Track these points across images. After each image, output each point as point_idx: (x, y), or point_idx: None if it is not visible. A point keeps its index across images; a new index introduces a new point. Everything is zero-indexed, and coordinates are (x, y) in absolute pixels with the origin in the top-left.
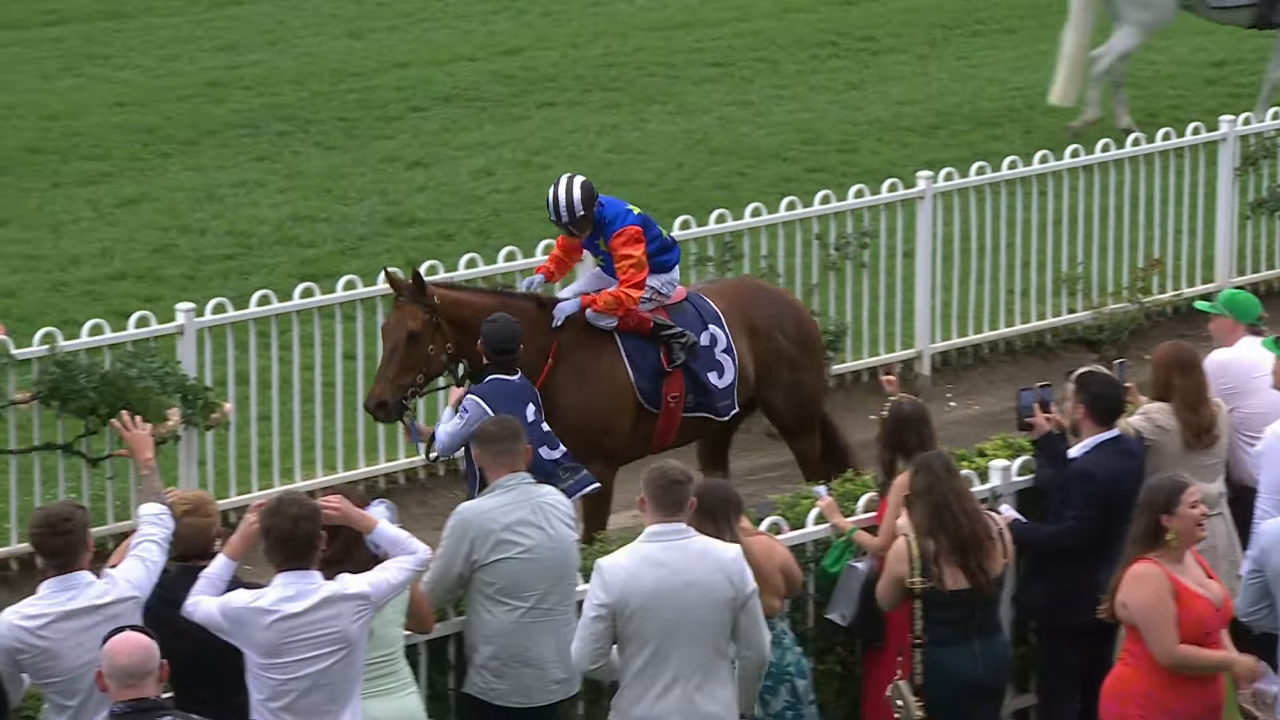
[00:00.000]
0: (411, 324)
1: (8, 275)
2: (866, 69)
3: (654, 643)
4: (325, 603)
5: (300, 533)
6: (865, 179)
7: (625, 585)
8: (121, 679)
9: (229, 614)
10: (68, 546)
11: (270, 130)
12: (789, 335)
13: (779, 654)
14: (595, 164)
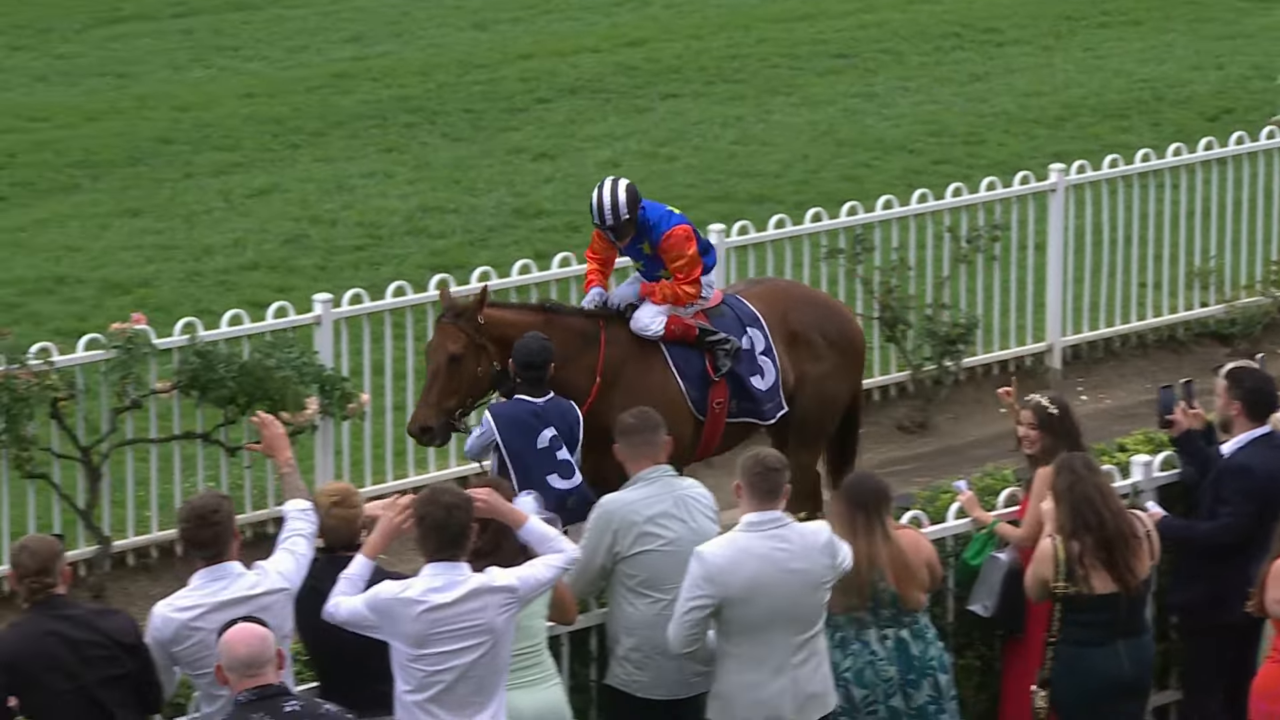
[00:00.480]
0: (452, 346)
1: (143, 265)
2: (991, 60)
3: (757, 631)
4: (472, 594)
5: (453, 523)
6: (992, 171)
7: (727, 576)
8: (241, 670)
9: (376, 606)
10: (217, 537)
11: (398, 121)
12: (830, 339)
13: (922, 648)
14: (720, 155)
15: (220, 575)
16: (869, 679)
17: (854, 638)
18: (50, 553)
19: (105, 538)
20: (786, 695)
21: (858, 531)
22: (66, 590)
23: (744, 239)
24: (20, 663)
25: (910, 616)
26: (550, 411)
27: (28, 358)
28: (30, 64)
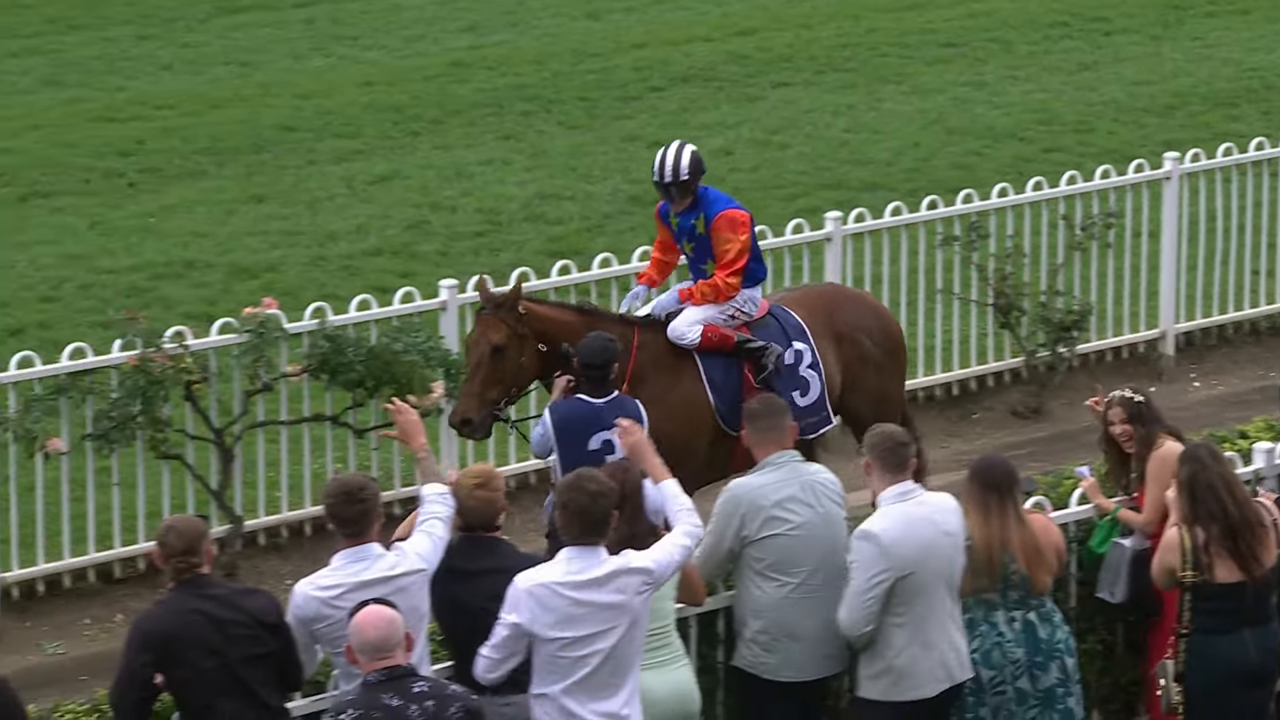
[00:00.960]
0: (495, 337)
1: (269, 250)
2: (1100, 49)
3: (926, 596)
4: (611, 576)
5: (597, 509)
6: (1102, 159)
7: (900, 548)
8: (371, 652)
9: (517, 589)
10: (362, 515)
11: (514, 110)
12: (875, 340)
13: (1049, 631)
14: (832, 143)
15: (361, 556)
16: (996, 660)
17: (982, 619)
18: (196, 533)
19: (237, 517)
20: (953, 654)
21: (990, 513)
22: (210, 570)
23: (860, 226)
24: (166, 640)
25: (1037, 600)
26: (610, 412)
27: (163, 341)
28: (156, 53)
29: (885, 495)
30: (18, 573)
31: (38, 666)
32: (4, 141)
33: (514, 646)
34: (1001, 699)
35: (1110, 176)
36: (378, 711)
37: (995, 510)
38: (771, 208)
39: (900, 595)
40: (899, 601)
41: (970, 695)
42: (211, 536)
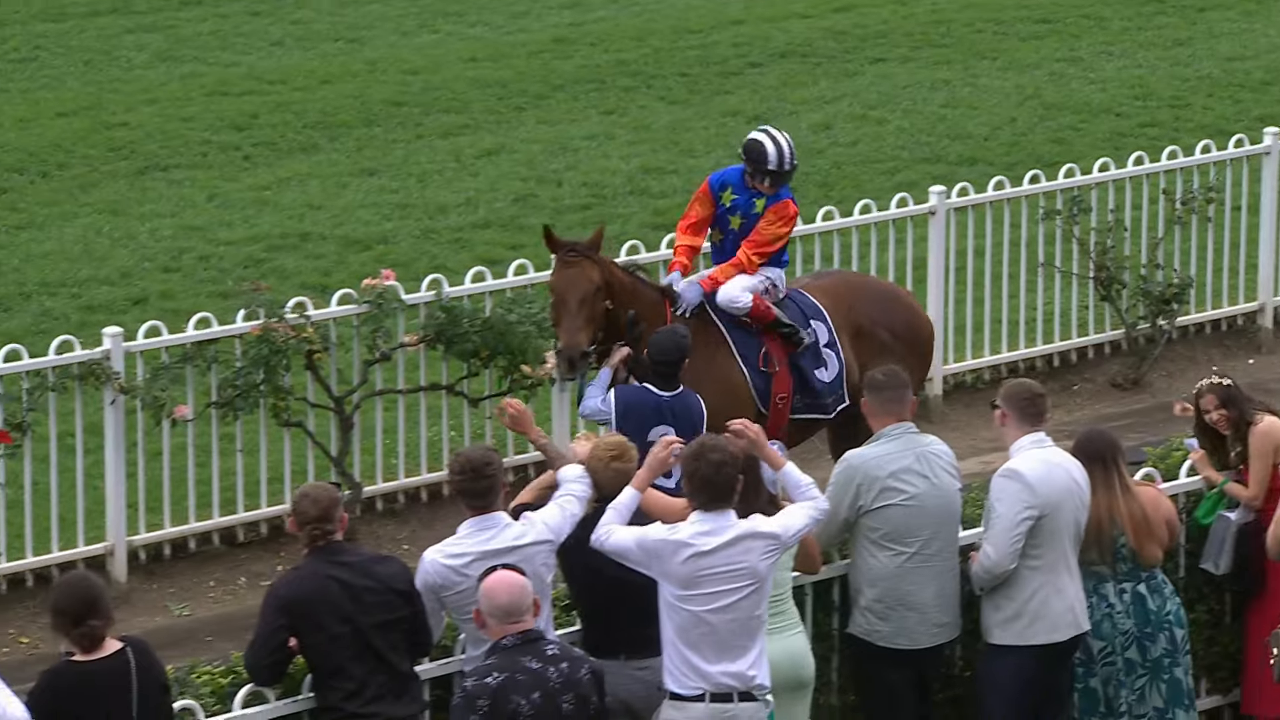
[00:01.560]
0: (595, 277)
1: (381, 222)
2: (1193, 25)
3: (1060, 540)
4: (738, 539)
5: (721, 478)
6: (1197, 134)
7: (1045, 487)
8: (501, 616)
9: (646, 546)
10: (490, 489)
11: (616, 85)
12: (897, 333)
13: (1159, 602)
14: (930, 118)
15: (488, 525)
16: (1106, 631)
17: (1091, 590)
18: (330, 500)
19: (355, 483)
20: (1078, 604)
21: (1096, 485)
22: (343, 537)
23: (964, 200)
24: (301, 605)
25: (1147, 571)
26: (674, 406)
27: (285, 312)
28: (268, 29)
29: (1021, 443)
30: (145, 536)
31: (165, 627)
32: (122, 116)
33: (631, 552)
34: (1111, 670)
35: (1210, 151)
36: (521, 674)
37: (1101, 481)
38: (872, 181)
39: (1037, 537)
40: (1035, 544)
41: (1080, 666)
42: (343, 505)
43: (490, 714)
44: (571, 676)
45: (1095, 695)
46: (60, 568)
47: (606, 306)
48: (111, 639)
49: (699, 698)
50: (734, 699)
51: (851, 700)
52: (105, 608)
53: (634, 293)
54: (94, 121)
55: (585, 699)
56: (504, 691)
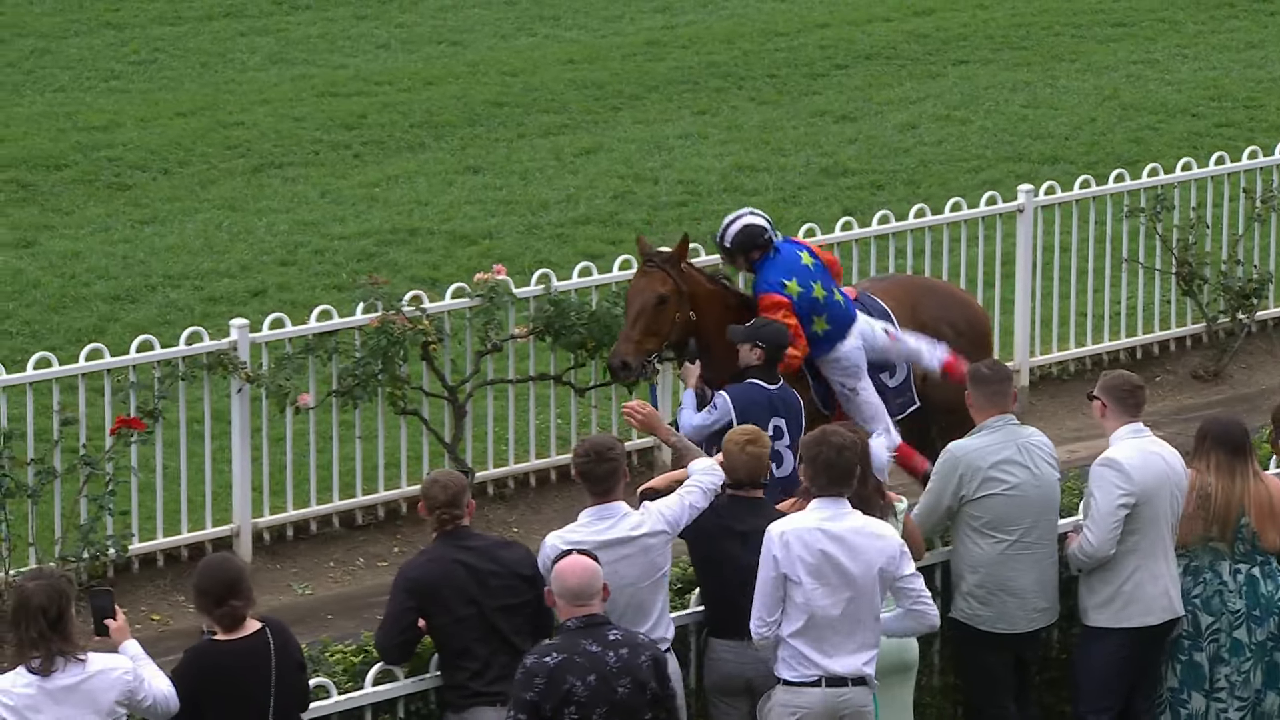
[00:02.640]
0: (661, 288)
1: (486, 218)
2: (1265, 29)
3: (1158, 525)
4: (857, 531)
5: (843, 461)
6: (1272, 134)
7: (1142, 474)
8: (570, 598)
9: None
10: (611, 473)
11: (708, 86)
12: (960, 331)
13: (1272, 588)
14: (1012, 118)
15: (607, 514)
16: (1215, 607)
17: (1207, 567)
18: (459, 487)
19: (468, 469)
20: (1174, 588)
21: (1235, 469)
22: (470, 522)
23: (1051, 198)
24: (429, 587)
25: (1263, 555)
26: (780, 399)
27: (402, 305)
28: (373, 32)
29: (1119, 433)
30: (269, 518)
31: (288, 605)
32: (238, 115)
33: (775, 593)
34: (1217, 646)
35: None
36: (579, 656)
37: (1239, 467)
38: (958, 180)
39: (1134, 522)
40: (1131, 529)
41: (1186, 639)
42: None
43: (545, 692)
44: (630, 662)
45: (1200, 670)
46: (189, 548)
47: (688, 317)
48: (252, 619)
49: (815, 683)
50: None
51: (953, 682)
52: (246, 589)
53: (720, 300)
54: (211, 121)
55: (643, 684)
56: (560, 671)
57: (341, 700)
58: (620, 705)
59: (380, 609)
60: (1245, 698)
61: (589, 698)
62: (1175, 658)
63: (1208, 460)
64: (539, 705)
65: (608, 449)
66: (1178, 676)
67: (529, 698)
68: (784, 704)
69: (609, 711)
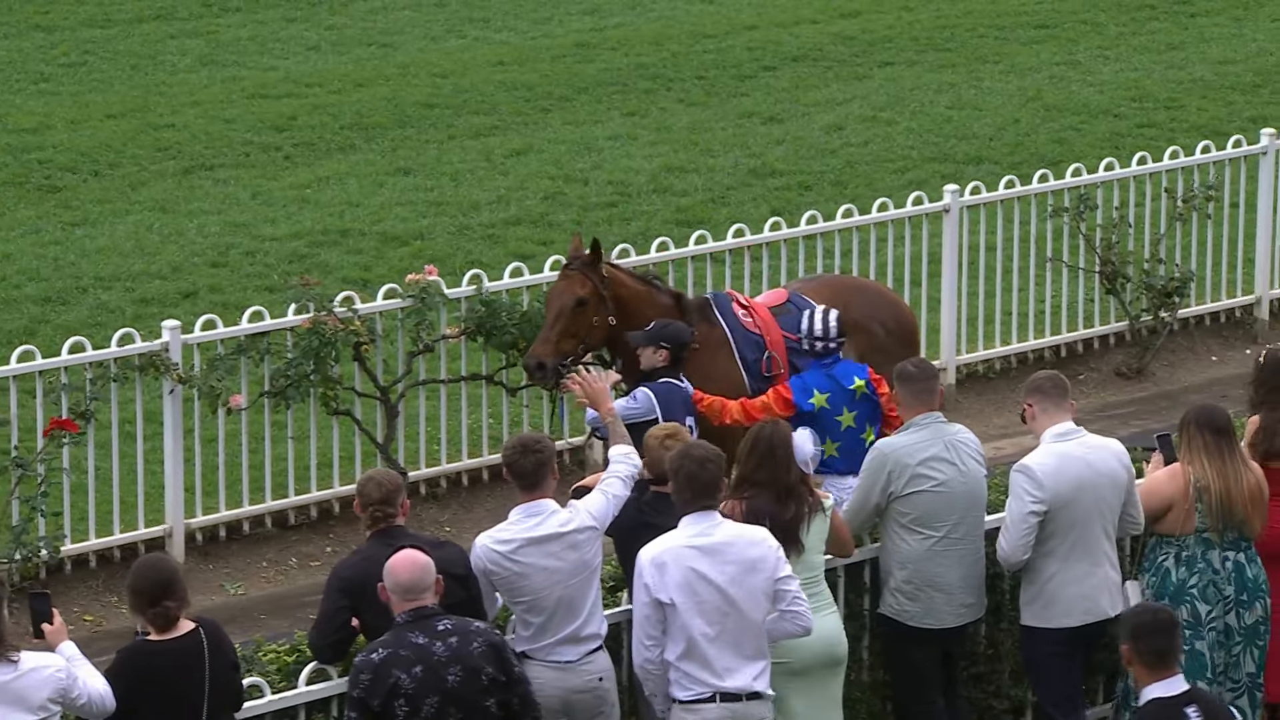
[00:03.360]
0: (580, 291)
1: (417, 219)
2: (1185, 30)
3: (1079, 529)
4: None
5: (705, 474)
6: (1192, 135)
7: (1055, 480)
8: (401, 593)
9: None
10: (537, 467)
11: (637, 88)
12: (889, 329)
13: (1255, 571)
14: (937, 119)
15: (536, 511)
16: (1211, 595)
17: (1199, 557)
18: (394, 485)
19: (401, 469)
20: (1104, 589)
21: (1224, 458)
22: (405, 521)
23: (976, 198)
24: (363, 587)
25: (1247, 541)
26: (689, 400)
27: (333, 306)
28: (303, 34)
29: (1047, 434)
30: (201, 519)
31: (221, 605)
32: (168, 118)
33: (652, 619)
34: (1214, 634)
35: (1210, 152)
36: (404, 649)
37: (1228, 455)
38: (884, 180)
39: (1050, 526)
40: (1048, 534)
41: (1188, 629)
42: (405, 491)
43: (371, 687)
44: (460, 650)
45: (1202, 658)
46: (121, 549)
47: (607, 321)
48: (185, 619)
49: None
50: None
51: (881, 677)
52: (180, 589)
53: (649, 301)
54: (141, 123)
55: (476, 670)
56: (385, 666)
57: (275, 699)
58: (452, 694)
59: (313, 609)
60: (1239, 680)
61: (416, 689)
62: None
63: (1196, 447)
64: (366, 701)
65: (535, 442)
66: (1181, 667)
67: (356, 695)
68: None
69: (441, 701)
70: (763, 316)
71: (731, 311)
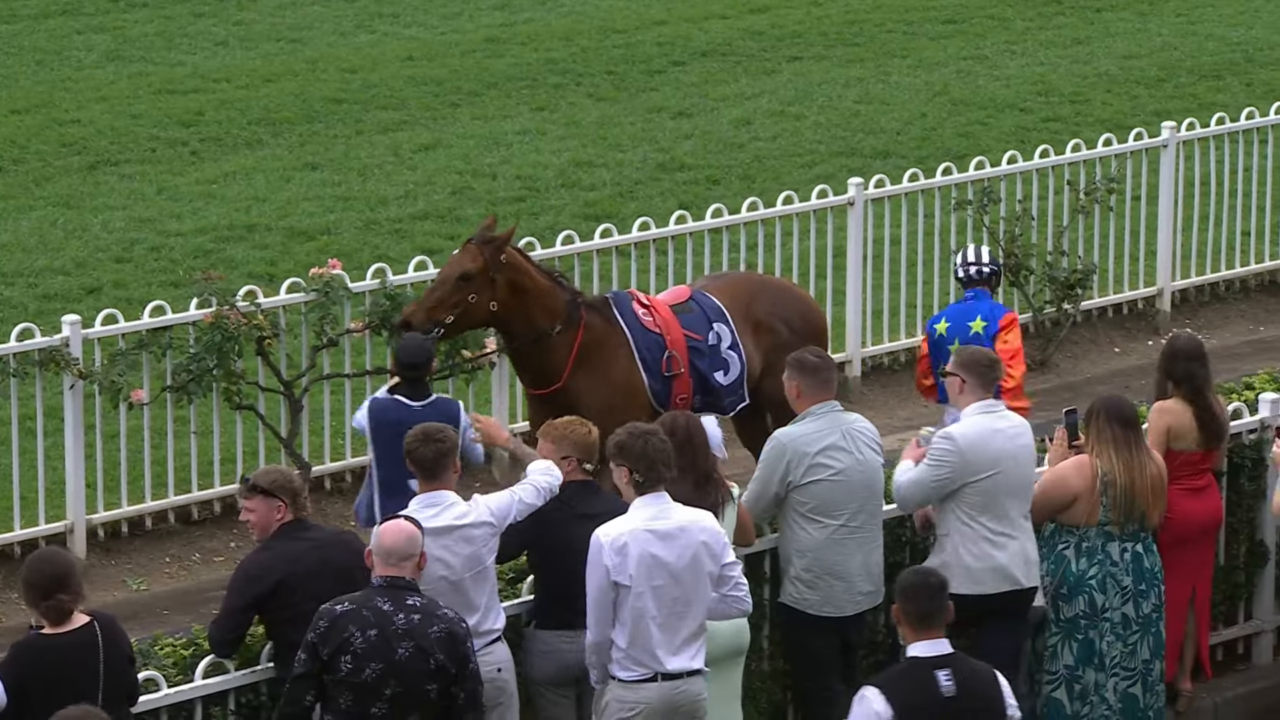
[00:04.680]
0: (469, 264)
1: (324, 214)
2: (1091, 25)
3: (996, 501)
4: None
5: (650, 450)
6: (1097, 128)
7: (974, 451)
8: (384, 556)
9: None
10: (438, 456)
11: (546, 83)
12: (794, 328)
13: (1151, 561)
14: (845, 114)
15: (434, 502)
16: (1110, 587)
17: (1100, 549)
18: (297, 481)
19: (305, 464)
20: (1019, 559)
21: (1132, 450)
22: (308, 516)
23: (880, 191)
24: (269, 581)
25: (1145, 532)
26: (427, 415)
27: (236, 300)
28: (211, 29)
29: (970, 409)
30: (103, 515)
31: (124, 601)
32: (74, 113)
33: (607, 599)
34: (1108, 624)
35: (1112, 145)
36: (368, 610)
37: (1135, 447)
38: (792, 174)
39: (974, 496)
40: (974, 502)
41: (1084, 619)
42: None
43: (325, 635)
44: (419, 629)
45: (1094, 646)
46: (22, 545)
47: (487, 304)
48: (80, 613)
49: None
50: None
51: (782, 666)
52: (75, 583)
53: (547, 295)
54: (46, 118)
55: (426, 652)
56: (344, 619)
57: (171, 693)
58: (398, 667)
59: (217, 603)
60: (1133, 668)
61: (366, 650)
62: (1072, 636)
63: (1104, 439)
64: (317, 647)
65: (437, 432)
66: (1074, 655)
67: (310, 638)
68: (620, 700)
69: (384, 670)
70: (664, 315)
71: (631, 311)
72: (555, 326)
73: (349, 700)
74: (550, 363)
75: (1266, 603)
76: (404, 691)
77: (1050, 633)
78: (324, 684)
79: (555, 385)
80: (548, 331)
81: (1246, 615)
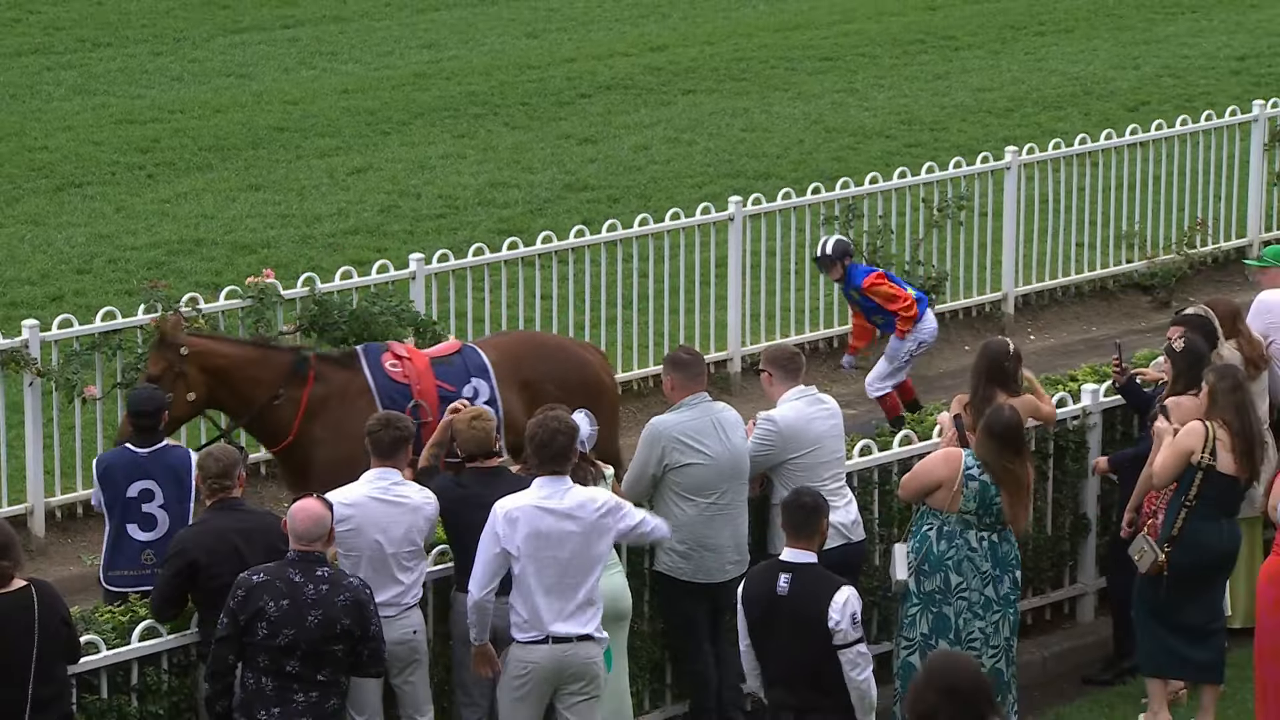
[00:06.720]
0: (152, 370)
1: (265, 230)
2: (949, 62)
3: (811, 474)
4: (580, 506)
5: (557, 443)
6: (955, 152)
7: (797, 431)
8: (296, 537)
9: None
10: (395, 440)
11: (468, 114)
12: (568, 388)
13: (1007, 549)
14: (731, 140)
15: (384, 477)
16: (966, 569)
17: (958, 534)
18: (230, 460)
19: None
20: (841, 520)
21: (1000, 454)
22: (241, 494)
23: (757, 208)
24: (201, 551)
25: (1002, 524)
26: (152, 462)
27: (179, 305)
28: (168, 66)
29: (786, 395)
30: (60, 498)
31: (78, 575)
32: (43, 141)
33: (494, 565)
34: (964, 603)
35: (961, 166)
36: (281, 581)
37: (1008, 452)
38: (683, 194)
39: (795, 470)
40: (796, 477)
41: (939, 594)
42: (242, 465)
43: (243, 603)
44: (327, 598)
45: (948, 620)
46: None
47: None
48: (19, 579)
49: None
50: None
51: (660, 628)
52: (15, 552)
53: (257, 363)
54: (18, 146)
55: (333, 620)
56: (259, 589)
57: (110, 655)
58: (307, 632)
59: None
60: (998, 645)
61: (279, 618)
62: (927, 609)
63: (986, 451)
64: (236, 613)
65: (398, 420)
66: (929, 625)
67: (231, 604)
68: (516, 659)
69: (296, 636)
70: (418, 366)
71: (378, 362)
72: (276, 392)
73: (265, 660)
74: (277, 424)
75: (1089, 568)
76: (314, 652)
77: (910, 603)
78: (243, 645)
79: (284, 442)
80: (267, 401)
81: (1071, 579)
